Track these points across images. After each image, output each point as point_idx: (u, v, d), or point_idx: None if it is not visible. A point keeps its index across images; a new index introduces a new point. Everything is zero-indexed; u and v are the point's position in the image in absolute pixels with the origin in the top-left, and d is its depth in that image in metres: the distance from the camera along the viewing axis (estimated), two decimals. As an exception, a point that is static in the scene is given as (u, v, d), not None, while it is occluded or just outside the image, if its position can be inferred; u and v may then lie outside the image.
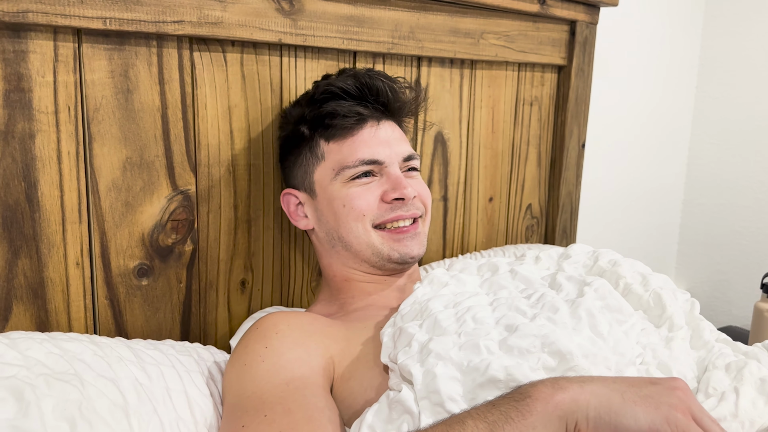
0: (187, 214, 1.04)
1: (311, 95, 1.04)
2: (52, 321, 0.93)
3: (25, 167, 0.88)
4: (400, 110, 1.07)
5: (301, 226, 1.05)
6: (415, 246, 1.00)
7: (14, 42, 0.85)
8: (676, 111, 2.20)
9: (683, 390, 0.66)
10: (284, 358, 0.81)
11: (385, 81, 1.03)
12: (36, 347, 0.75)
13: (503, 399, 0.66)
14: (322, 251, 1.06)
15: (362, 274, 1.03)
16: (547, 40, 1.52)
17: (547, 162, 1.64)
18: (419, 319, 0.85)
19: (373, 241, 0.98)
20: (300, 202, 1.04)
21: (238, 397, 0.78)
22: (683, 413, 0.62)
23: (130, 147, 0.97)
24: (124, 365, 0.80)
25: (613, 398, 0.63)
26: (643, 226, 2.18)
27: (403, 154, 1.02)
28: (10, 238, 0.88)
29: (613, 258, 1.06)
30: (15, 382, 0.68)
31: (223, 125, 1.06)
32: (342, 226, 0.99)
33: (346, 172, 0.98)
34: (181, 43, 0.99)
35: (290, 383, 0.78)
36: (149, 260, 1.01)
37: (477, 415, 0.64)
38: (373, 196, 0.98)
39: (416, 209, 1.01)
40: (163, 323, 1.04)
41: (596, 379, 0.67)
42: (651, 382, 0.67)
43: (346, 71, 1.06)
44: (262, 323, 0.87)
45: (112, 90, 0.94)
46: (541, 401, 0.63)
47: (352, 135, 0.99)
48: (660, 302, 0.92)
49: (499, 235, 1.57)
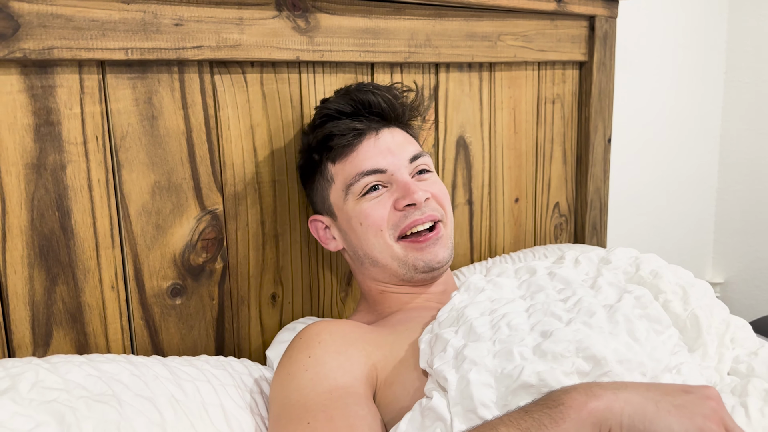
0: (216, 232, 1.07)
1: (312, 122, 1.06)
2: (90, 344, 0.96)
3: (58, 197, 0.91)
4: (399, 116, 1.06)
5: (332, 248, 1.07)
6: (440, 250, 0.99)
7: (41, 78, 0.88)
8: (705, 98, 2.17)
9: (716, 400, 0.65)
10: (327, 366, 0.82)
11: (376, 92, 1.03)
12: (75, 370, 0.78)
13: (536, 406, 0.66)
14: (354, 268, 1.08)
15: (394, 287, 1.03)
16: (566, 37, 1.51)
17: (572, 159, 1.63)
18: (455, 325, 0.85)
19: (397, 253, 0.99)
20: (326, 225, 1.06)
21: (283, 406, 0.80)
22: (717, 424, 0.62)
23: (158, 171, 1.00)
24: (160, 383, 0.82)
25: (647, 407, 0.63)
26: (677, 217, 2.15)
27: (408, 156, 1.01)
28: (47, 267, 0.91)
29: (654, 268, 1.04)
30: (56, 405, 0.71)
31: (247, 144, 1.09)
32: (364, 243, 1.00)
33: (353, 188, 0.99)
34: (201, 68, 1.02)
35: (333, 392, 0.79)
36: (182, 280, 1.04)
37: (509, 422, 0.65)
38: (385, 208, 0.98)
39: (433, 211, 0.99)
40: (198, 340, 1.07)
41: (630, 386, 0.67)
42: (684, 390, 0.66)
43: (339, 91, 1.07)
44: (305, 333, 0.88)
45: (138, 117, 0.97)
46: (574, 408, 0.63)
47: (353, 151, 1.00)
48: (697, 325, 0.90)
49: (527, 236, 1.57)
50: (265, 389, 0.94)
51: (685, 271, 1.05)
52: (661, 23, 1.94)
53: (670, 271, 1.03)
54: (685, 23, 2.02)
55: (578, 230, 1.67)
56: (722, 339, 0.93)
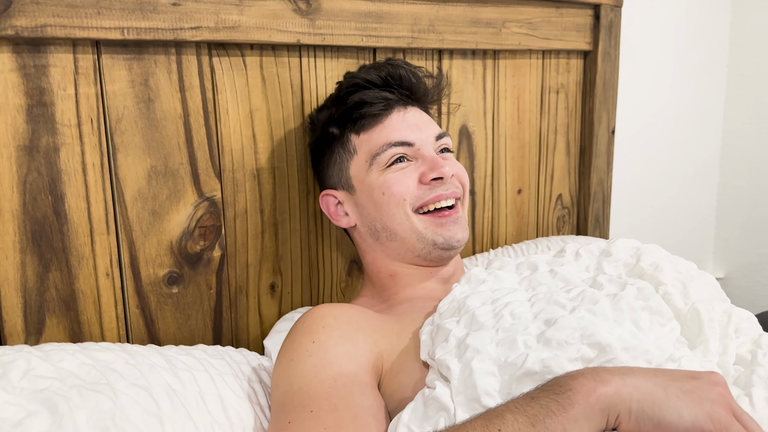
0: (214, 220, 1.04)
1: (336, 94, 1.05)
2: (84, 332, 0.93)
3: (51, 181, 0.88)
4: (424, 96, 1.07)
5: (343, 224, 1.05)
6: (459, 230, 0.99)
7: (34, 57, 0.85)
8: (708, 91, 2.15)
9: (723, 386, 0.65)
10: (332, 353, 0.80)
11: (407, 68, 1.04)
12: (68, 359, 0.76)
13: (542, 392, 0.64)
14: (365, 247, 1.05)
15: (407, 266, 1.01)
16: (571, 26, 1.49)
17: (576, 150, 1.60)
18: (457, 315, 0.84)
19: (416, 227, 0.97)
20: (339, 201, 1.04)
21: (285, 393, 0.78)
22: (725, 409, 0.62)
23: (154, 156, 0.97)
24: (157, 372, 0.80)
25: (656, 392, 0.62)
26: (679, 210, 2.13)
27: (434, 134, 1.01)
28: (40, 252, 0.89)
29: (655, 260, 1.03)
30: (49, 394, 0.69)
31: (246, 129, 1.06)
32: (384, 215, 0.98)
33: (379, 158, 0.97)
34: (199, 49, 0.99)
35: (338, 379, 0.77)
36: (179, 268, 1.01)
37: (516, 409, 0.63)
38: (411, 179, 0.97)
39: (456, 188, 0.99)
40: (195, 330, 1.05)
41: (637, 371, 0.65)
42: (692, 376, 0.65)
43: (366, 66, 1.07)
44: (308, 317, 0.86)
45: (134, 100, 0.94)
46: (583, 394, 0.62)
47: (381, 122, 0.99)
48: (698, 320, 0.89)
49: (530, 228, 1.55)
50: (263, 378, 0.92)
51: (686, 263, 1.04)
52: (665, 14, 1.92)
53: (670, 264, 1.01)
54: (688, 15, 2.00)
55: (581, 222, 1.65)
56: (725, 330, 0.91)
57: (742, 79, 2.15)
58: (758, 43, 2.10)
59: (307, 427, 0.71)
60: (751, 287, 2.21)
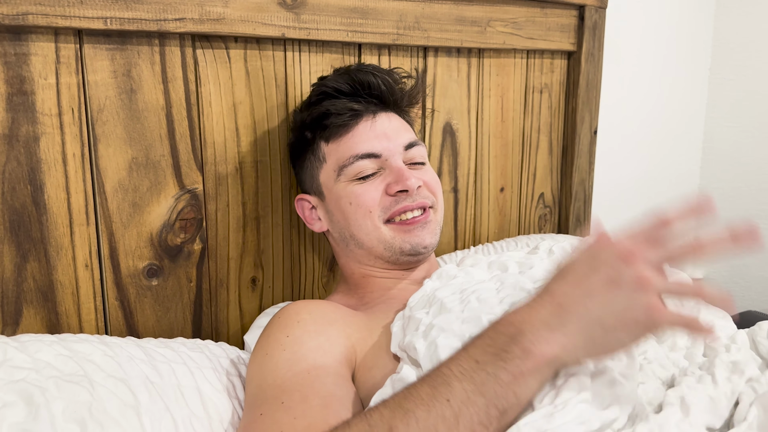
0: (195, 212, 1.04)
1: (308, 99, 1.04)
2: (62, 324, 0.93)
3: (31, 170, 0.87)
4: (397, 101, 1.05)
5: (317, 229, 1.05)
6: (427, 235, 0.98)
7: (15, 45, 0.84)
8: (690, 94, 2.17)
9: (642, 276, 0.62)
10: (305, 347, 0.80)
11: (377, 74, 1.02)
12: (45, 350, 0.75)
13: (486, 355, 0.63)
14: (338, 251, 1.06)
15: (379, 270, 1.02)
16: (556, 26, 1.50)
17: (558, 150, 1.61)
18: (427, 307, 0.84)
19: (383, 236, 0.97)
20: (313, 206, 1.04)
21: (259, 387, 0.78)
22: (657, 312, 0.61)
23: (136, 147, 0.96)
24: (135, 364, 0.79)
25: (594, 331, 0.62)
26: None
27: (403, 143, 1.00)
28: (18, 242, 0.88)
29: None
30: (24, 385, 0.68)
31: (229, 122, 1.06)
32: (352, 225, 0.98)
33: (346, 170, 0.97)
34: (183, 41, 0.98)
35: (311, 371, 0.77)
36: (159, 260, 1.01)
37: (462, 376, 0.62)
38: (377, 191, 0.96)
39: (424, 198, 0.98)
40: (175, 323, 1.04)
41: (572, 313, 0.63)
42: (613, 282, 0.63)
43: (339, 70, 1.05)
44: (283, 312, 0.87)
45: (116, 90, 0.93)
46: (530, 360, 0.62)
47: (348, 132, 0.98)
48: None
49: (512, 226, 1.56)
50: (242, 372, 0.92)
51: None
52: (648, 16, 1.94)
53: None
54: (671, 18, 2.02)
55: (562, 221, 1.66)
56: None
57: (724, 82, 2.17)
58: (740, 47, 2.12)
59: (278, 417, 0.71)
60: (728, 288, 2.24)
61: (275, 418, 0.72)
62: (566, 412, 0.62)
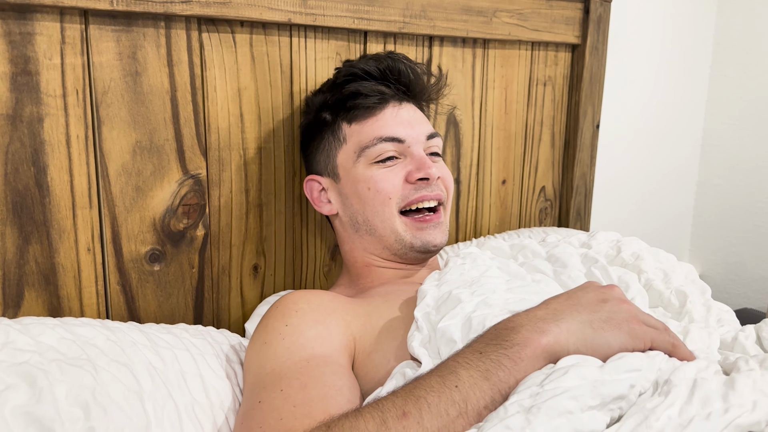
0: (198, 198, 1.03)
1: (333, 80, 1.04)
2: (64, 307, 0.92)
3: (34, 152, 0.86)
4: (421, 93, 1.07)
5: (325, 211, 1.04)
6: (438, 235, 0.99)
7: (20, 24, 0.83)
8: (691, 90, 2.17)
9: (625, 300, 0.74)
10: (304, 336, 0.80)
11: (406, 63, 1.04)
12: (48, 333, 0.74)
13: (489, 347, 0.68)
14: (344, 237, 1.05)
15: (383, 261, 1.02)
16: (561, 18, 1.49)
17: (560, 143, 1.61)
18: (468, 287, 0.85)
19: (396, 227, 0.97)
20: (323, 188, 1.03)
21: (258, 375, 0.78)
22: (637, 323, 0.70)
23: (140, 130, 0.95)
24: (138, 350, 0.79)
25: (585, 331, 0.69)
26: (657, 208, 2.15)
27: (425, 132, 1.01)
28: (21, 224, 0.87)
29: (636, 251, 1.04)
30: (27, 368, 0.67)
31: (233, 108, 1.05)
32: (368, 209, 0.98)
33: (368, 151, 0.97)
34: (189, 24, 0.97)
35: (310, 360, 0.77)
36: (161, 245, 1.00)
37: (468, 365, 0.66)
38: (397, 177, 0.97)
39: (440, 191, 1.00)
40: (176, 309, 1.03)
41: (566, 313, 0.71)
42: (601, 299, 0.73)
43: (367, 56, 1.07)
44: (282, 301, 0.86)
45: (121, 72, 0.92)
46: (529, 347, 0.67)
47: (373, 115, 0.99)
48: (682, 297, 0.92)
49: (513, 218, 1.55)
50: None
51: (666, 255, 1.05)
52: (652, 12, 1.93)
53: (651, 254, 1.03)
54: (675, 14, 2.02)
55: (563, 215, 1.66)
56: (707, 321, 0.93)
57: (725, 79, 2.17)
58: (742, 45, 2.12)
59: (277, 405, 0.71)
60: (726, 285, 2.25)
61: (274, 406, 0.71)
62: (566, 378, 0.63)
